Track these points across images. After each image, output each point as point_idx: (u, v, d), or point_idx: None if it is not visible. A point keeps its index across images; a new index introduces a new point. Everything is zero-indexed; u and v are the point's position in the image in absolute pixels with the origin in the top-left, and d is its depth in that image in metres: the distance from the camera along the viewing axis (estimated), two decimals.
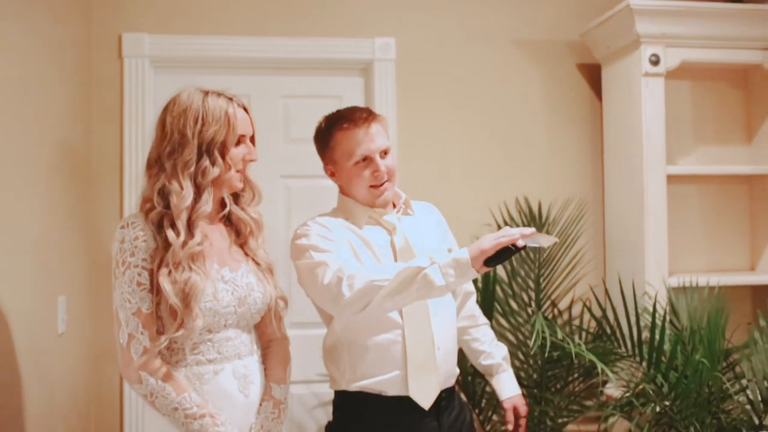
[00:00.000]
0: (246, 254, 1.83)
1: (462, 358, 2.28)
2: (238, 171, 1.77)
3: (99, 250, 2.73)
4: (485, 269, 1.67)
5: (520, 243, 1.63)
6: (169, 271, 1.65)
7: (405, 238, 1.97)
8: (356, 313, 1.77)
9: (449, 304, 2.03)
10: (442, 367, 1.94)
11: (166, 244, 1.66)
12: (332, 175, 2.04)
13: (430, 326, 1.92)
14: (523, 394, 2.22)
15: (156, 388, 1.64)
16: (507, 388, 2.17)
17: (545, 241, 1.70)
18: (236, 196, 1.85)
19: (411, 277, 1.69)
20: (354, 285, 1.74)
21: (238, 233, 1.85)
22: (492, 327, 2.29)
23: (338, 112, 2.01)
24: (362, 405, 1.94)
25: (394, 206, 2.04)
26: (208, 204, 1.72)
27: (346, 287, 1.75)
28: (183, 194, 1.69)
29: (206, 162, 1.71)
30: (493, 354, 2.19)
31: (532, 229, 1.66)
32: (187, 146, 1.70)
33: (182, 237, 1.66)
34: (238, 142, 1.77)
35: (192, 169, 1.70)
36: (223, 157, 1.73)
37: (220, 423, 1.66)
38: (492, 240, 1.65)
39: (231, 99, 1.77)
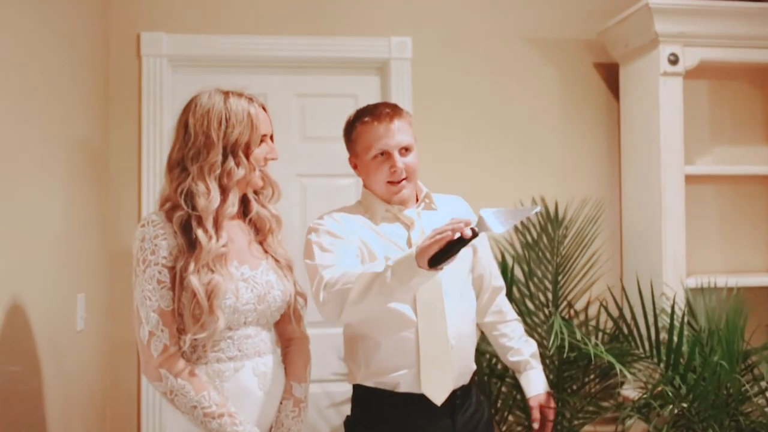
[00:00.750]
0: (265, 251, 1.84)
1: (478, 357, 2.28)
2: (261, 171, 1.79)
3: (118, 247, 2.75)
4: (436, 268, 1.60)
5: (467, 233, 1.52)
6: (197, 270, 1.66)
7: (423, 233, 1.95)
8: (335, 319, 1.79)
9: (467, 299, 2.02)
10: (456, 364, 1.93)
11: (192, 245, 1.67)
12: (355, 167, 2.05)
13: (444, 322, 1.91)
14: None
15: (175, 386, 1.65)
16: (534, 385, 2.14)
17: (504, 221, 1.55)
18: (256, 193, 1.86)
19: (369, 282, 1.69)
20: (329, 293, 1.76)
21: (258, 230, 1.86)
22: None
23: (366, 106, 2.03)
24: (377, 400, 1.94)
25: (418, 200, 2.04)
26: (234, 206, 1.74)
27: (323, 295, 1.78)
28: (211, 196, 1.70)
29: (231, 163, 1.72)
30: (522, 350, 2.17)
31: (465, 220, 1.55)
32: (213, 148, 1.71)
33: (213, 239, 1.68)
34: (261, 142, 1.78)
35: (218, 171, 1.71)
36: (247, 157, 1.74)
37: (239, 422, 1.66)
38: (428, 239, 1.59)
39: (251, 99, 1.78)
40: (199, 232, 1.67)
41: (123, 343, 2.75)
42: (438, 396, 1.90)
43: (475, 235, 1.55)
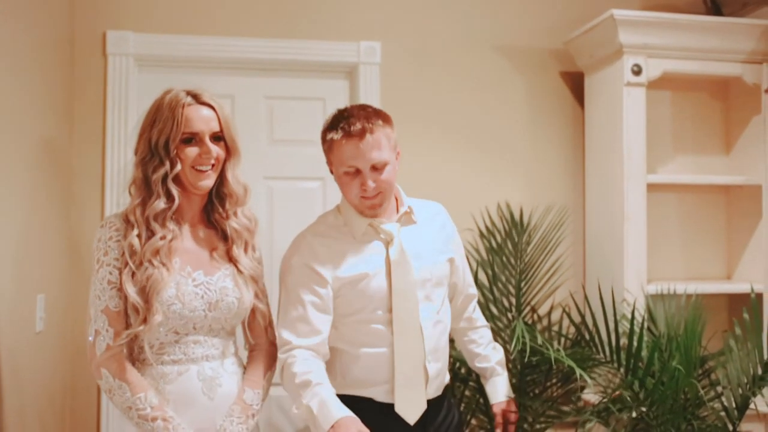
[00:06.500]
0: (230, 260, 1.83)
1: None
2: (198, 171, 1.75)
3: (79, 248, 2.71)
4: None
5: None
6: (133, 273, 1.67)
7: (402, 250, 1.93)
8: None
9: (444, 313, 2.01)
10: (433, 382, 1.94)
11: (129, 243, 1.69)
12: (332, 172, 1.98)
13: (421, 341, 1.91)
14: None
15: (114, 386, 1.67)
16: (498, 392, 2.15)
17: None
18: (222, 201, 1.84)
19: (295, 399, 1.81)
20: (283, 381, 1.85)
21: (225, 239, 1.84)
22: None
23: (342, 113, 1.92)
24: (351, 407, 1.93)
25: (399, 210, 2.00)
26: (160, 201, 1.72)
27: (278, 374, 1.86)
28: (134, 192, 1.73)
29: (156, 160, 1.73)
30: (489, 357, 2.17)
31: None
32: (142, 144, 1.75)
33: (135, 231, 1.69)
34: (191, 140, 1.74)
35: (145, 166, 1.73)
36: (168, 153, 1.72)
37: (173, 428, 1.66)
38: None
39: (196, 96, 1.76)
40: (128, 230, 1.70)
41: (84, 344, 2.69)
42: (411, 416, 1.90)
43: None
